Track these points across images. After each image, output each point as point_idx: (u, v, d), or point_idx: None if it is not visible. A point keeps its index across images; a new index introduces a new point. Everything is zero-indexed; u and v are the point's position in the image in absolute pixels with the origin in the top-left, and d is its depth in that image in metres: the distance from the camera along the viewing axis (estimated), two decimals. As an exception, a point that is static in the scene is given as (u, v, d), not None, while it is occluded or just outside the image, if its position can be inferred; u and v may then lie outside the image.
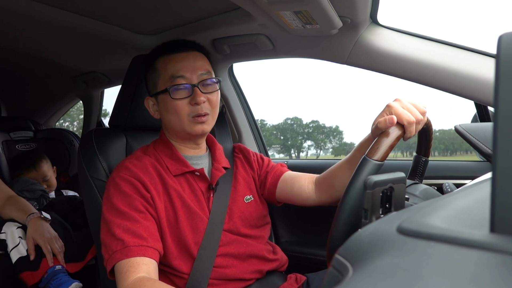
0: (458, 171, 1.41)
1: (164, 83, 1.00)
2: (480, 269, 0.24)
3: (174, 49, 1.03)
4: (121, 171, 0.97)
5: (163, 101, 1.01)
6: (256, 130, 1.87)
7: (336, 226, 0.67)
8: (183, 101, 0.98)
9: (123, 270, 0.84)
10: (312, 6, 0.97)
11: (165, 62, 1.01)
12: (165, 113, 1.02)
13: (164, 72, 1.01)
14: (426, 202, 0.44)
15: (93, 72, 2.06)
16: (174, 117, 1.00)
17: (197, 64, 1.02)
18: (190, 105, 0.99)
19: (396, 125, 0.78)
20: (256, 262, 1.05)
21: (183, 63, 1.00)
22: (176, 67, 1.00)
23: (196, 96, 0.98)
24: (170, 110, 1.00)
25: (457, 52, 1.10)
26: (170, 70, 1.00)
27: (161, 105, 1.02)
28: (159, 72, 1.02)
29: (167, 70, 1.00)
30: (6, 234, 1.43)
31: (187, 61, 1.01)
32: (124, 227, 0.88)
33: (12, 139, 2.41)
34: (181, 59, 1.01)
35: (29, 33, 1.46)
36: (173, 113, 0.99)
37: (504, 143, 0.28)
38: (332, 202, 1.08)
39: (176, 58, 1.01)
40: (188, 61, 1.01)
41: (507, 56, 0.29)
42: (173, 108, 0.99)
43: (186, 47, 1.04)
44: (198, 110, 0.98)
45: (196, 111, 0.98)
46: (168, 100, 0.99)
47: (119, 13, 1.28)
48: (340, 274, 0.33)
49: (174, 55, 1.02)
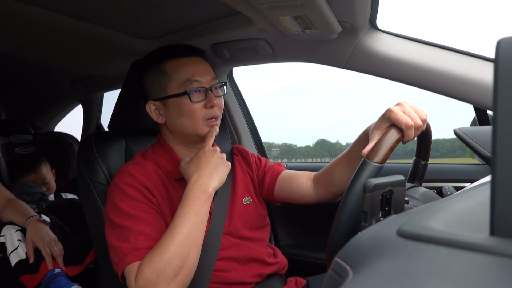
0: (458, 174, 1.41)
1: (178, 87, 0.99)
2: (480, 272, 0.24)
3: (183, 53, 1.03)
4: (125, 177, 0.96)
5: (176, 105, 1.00)
6: (255, 133, 1.87)
7: (336, 229, 0.67)
8: (199, 104, 0.99)
9: (133, 271, 0.83)
10: (311, 11, 0.98)
11: (177, 66, 1.01)
12: (177, 116, 1.01)
13: (177, 75, 1.00)
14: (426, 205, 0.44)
15: (93, 76, 2.06)
16: (188, 120, 1.00)
17: (207, 68, 1.03)
18: (205, 108, 0.99)
19: (396, 128, 0.79)
20: (256, 265, 1.05)
21: (196, 67, 1.01)
22: (191, 71, 1.00)
23: (212, 99, 0.99)
24: (185, 113, 0.99)
25: (456, 57, 1.11)
26: (184, 74, 1.00)
27: (173, 109, 1.01)
28: (170, 75, 1.01)
29: (180, 74, 1.00)
30: (5, 237, 1.43)
31: (199, 65, 1.02)
32: (137, 230, 0.87)
33: (12, 142, 2.41)
34: (193, 63, 1.02)
35: (29, 37, 1.47)
36: (189, 116, 0.99)
37: (503, 146, 0.28)
38: (331, 198, 1.09)
39: (189, 62, 1.01)
40: (200, 66, 1.02)
41: (505, 61, 0.29)
42: (189, 111, 0.99)
43: (194, 52, 1.05)
44: (212, 113, 1.00)
45: (211, 114, 1.00)
46: (184, 103, 0.98)
47: (119, 18, 1.29)
48: (340, 277, 0.33)
49: (185, 59, 1.02)
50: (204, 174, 0.90)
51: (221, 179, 0.92)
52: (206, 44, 1.38)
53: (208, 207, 0.89)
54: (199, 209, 0.87)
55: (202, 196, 0.88)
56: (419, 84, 1.15)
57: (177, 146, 1.07)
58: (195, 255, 0.85)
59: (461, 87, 1.08)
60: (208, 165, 0.91)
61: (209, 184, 0.89)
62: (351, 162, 0.99)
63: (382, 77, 1.21)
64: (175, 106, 1.00)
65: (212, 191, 0.90)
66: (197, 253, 0.85)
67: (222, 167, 0.93)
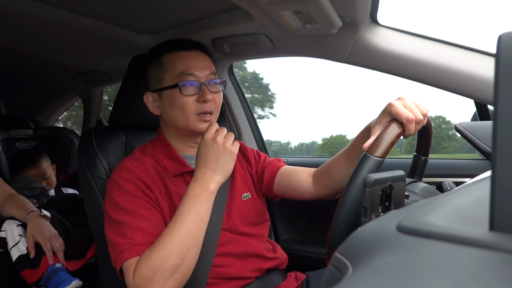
0: (458, 169, 1.41)
1: (173, 79, 1.00)
2: (479, 267, 0.25)
3: (182, 47, 1.03)
4: (123, 172, 0.96)
5: (169, 97, 1.00)
6: (256, 129, 1.87)
7: (336, 224, 0.67)
8: (191, 97, 0.99)
9: (131, 267, 0.83)
10: (312, 6, 0.97)
11: (174, 59, 1.01)
12: (169, 109, 1.01)
13: (172, 68, 1.01)
14: (426, 200, 0.44)
15: (93, 71, 2.06)
16: (179, 113, 1.00)
17: (205, 63, 1.03)
18: (197, 102, 0.99)
19: (397, 122, 0.78)
20: (255, 260, 1.05)
21: (193, 61, 1.01)
22: (186, 64, 1.00)
23: (205, 93, 0.98)
24: (176, 106, 0.99)
25: (456, 51, 1.10)
26: (179, 67, 1.00)
27: (166, 101, 1.01)
28: (167, 67, 1.01)
29: (176, 67, 1.00)
30: (6, 232, 1.43)
31: (196, 59, 1.02)
32: (134, 225, 0.87)
33: (12, 137, 2.42)
34: (191, 57, 1.02)
35: (29, 32, 1.46)
36: (180, 109, 0.99)
37: (503, 141, 0.28)
38: (330, 194, 1.08)
39: (186, 56, 1.01)
40: (197, 60, 1.02)
41: (506, 55, 0.29)
42: (180, 104, 0.99)
43: (194, 46, 1.05)
44: (205, 107, 0.99)
45: (203, 109, 0.99)
46: (176, 95, 0.99)
47: (119, 13, 1.28)
48: (340, 273, 0.33)
49: (183, 52, 1.02)
50: (206, 170, 0.89)
51: (225, 172, 0.90)
52: (206, 39, 1.38)
53: (209, 205, 0.88)
54: (200, 207, 0.86)
55: (203, 193, 0.87)
56: (420, 79, 1.14)
57: (172, 139, 1.07)
58: (194, 253, 0.84)
59: (462, 82, 1.07)
60: (208, 159, 0.89)
61: (210, 181, 0.88)
62: (352, 157, 0.99)
63: (383, 72, 1.20)
64: (169, 98, 1.01)
65: (215, 186, 0.89)
66: (196, 251, 0.85)
67: (224, 157, 0.89)
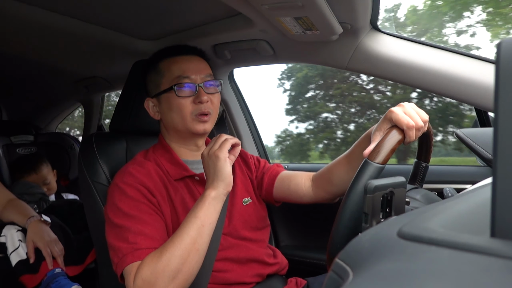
0: (459, 176, 1.41)
1: (169, 83, 1.02)
2: (480, 274, 0.24)
3: (178, 52, 1.06)
4: (125, 177, 0.96)
5: (166, 100, 1.02)
6: (257, 135, 1.87)
7: (337, 230, 0.67)
8: (187, 99, 1.00)
9: (132, 271, 0.83)
10: (312, 12, 0.98)
11: (169, 64, 1.04)
12: (168, 112, 1.03)
13: (168, 72, 1.03)
14: (427, 206, 0.44)
15: (94, 77, 2.06)
16: (177, 116, 1.01)
17: (200, 66, 1.05)
18: (193, 103, 1.01)
19: (397, 129, 0.79)
20: (256, 266, 1.05)
21: (188, 64, 1.03)
22: (182, 68, 1.02)
23: (200, 95, 1.00)
24: (173, 108, 1.01)
25: (457, 58, 1.11)
26: (175, 71, 1.02)
27: (164, 105, 1.04)
28: (164, 73, 1.04)
29: (172, 71, 1.02)
30: (6, 237, 1.43)
31: (191, 63, 1.04)
32: (136, 230, 0.87)
33: (13, 143, 2.42)
34: (186, 61, 1.04)
35: (31, 39, 1.47)
36: (177, 111, 1.01)
37: (504, 148, 0.28)
38: (329, 198, 1.09)
39: (181, 60, 1.04)
40: (192, 63, 1.04)
41: (506, 62, 0.29)
42: (177, 106, 1.00)
43: (189, 51, 1.07)
44: (202, 108, 1.00)
45: (200, 110, 1.00)
46: (173, 98, 1.01)
47: (121, 19, 1.29)
48: (340, 279, 0.33)
49: (178, 57, 1.05)
50: (208, 180, 0.92)
51: (223, 177, 0.90)
52: (207, 45, 1.39)
53: (210, 210, 0.88)
54: (199, 212, 0.87)
55: (203, 199, 0.89)
56: (420, 85, 1.15)
57: (174, 143, 1.08)
58: (195, 259, 0.85)
59: (462, 89, 1.07)
60: (207, 171, 0.93)
61: (210, 188, 0.90)
62: (352, 163, 0.99)
63: (383, 78, 1.21)
64: (166, 102, 1.03)
65: (215, 192, 0.90)
66: (197, 257, 0.85)
67: (215, 164, 0.90)
